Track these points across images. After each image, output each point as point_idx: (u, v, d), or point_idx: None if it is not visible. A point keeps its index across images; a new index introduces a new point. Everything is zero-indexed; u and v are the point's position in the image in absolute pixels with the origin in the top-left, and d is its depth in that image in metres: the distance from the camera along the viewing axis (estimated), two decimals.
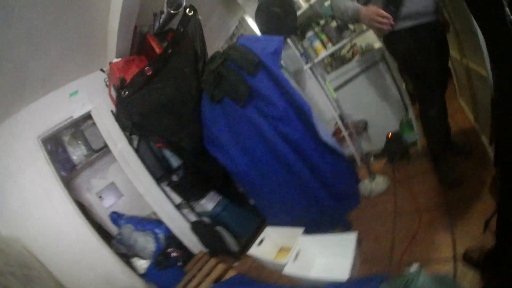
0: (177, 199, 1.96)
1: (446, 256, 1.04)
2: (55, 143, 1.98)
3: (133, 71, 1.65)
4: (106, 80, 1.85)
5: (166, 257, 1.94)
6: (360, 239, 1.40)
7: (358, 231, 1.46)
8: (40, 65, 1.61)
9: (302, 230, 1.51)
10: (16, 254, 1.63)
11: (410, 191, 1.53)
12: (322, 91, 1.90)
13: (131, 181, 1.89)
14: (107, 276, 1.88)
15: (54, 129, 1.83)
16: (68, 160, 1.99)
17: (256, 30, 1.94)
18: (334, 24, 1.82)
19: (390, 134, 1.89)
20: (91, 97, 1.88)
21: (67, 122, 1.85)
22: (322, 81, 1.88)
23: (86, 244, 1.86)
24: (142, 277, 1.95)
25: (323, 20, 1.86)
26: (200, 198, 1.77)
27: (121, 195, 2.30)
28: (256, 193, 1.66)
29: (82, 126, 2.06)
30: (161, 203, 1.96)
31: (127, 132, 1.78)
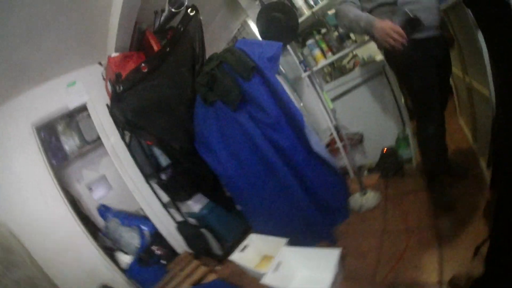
0: (165, 198, 1.95)
1: (432, 281, 1.00)
2: (49, 131, 1.99)
3: (130, 67, 1.65)
4: (103, 74, 1.86)
5: (150, 254, 1.94)
6: (344, 255, 1.37)
7: (344, 245, 1.43)
8: (39, 53, 1.62)
9: (286, 240, 1.49)
10: (1, 238, 1.64)
11: (401, 209, 1.48)
12: (319, 100, 1.87)
13: (121, 175, 1.90)
14: (89, 268, 1.88)
15: (49, 117, 1.84)
16: (61, 149, 2.00)
17: (258, 34, 1.93)
18: (336, 33, 1.80)
19: (386, 149, 1.85)
20: (88, 89, 1.89)
21: (63, 111, 1.86)
22: (319, 90, 1.85)
23: (71, 234, 1.86)
24: (124, 272, 1.94)
25: (324, 28, 1.83)
26: (187, 199, 1.76)
27: (111, 189, 2.31)
28: (243, 198, 1.64)
29: (77, 117, 2.07)
30: (148, 200, 1.95)
31: (120, 127, 1.78)
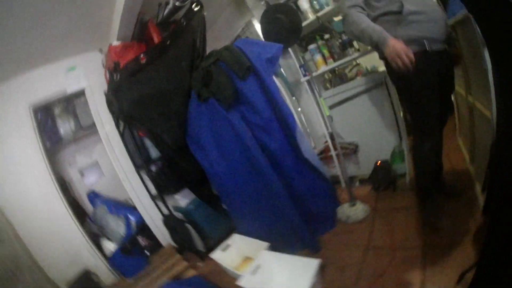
0: (154, 189, 1.95)
1: None
2: (45, 113, 2.01)
3: (129, 57, 1.66)
4: (103, 61, 1.87)
5: (134, 244, 1.94)
6: (325, 265, 1.35)
7: (326, 256, 1.41)
8: (43, 36, 1.63)
9: (267, 244, 1.47)
10: None
11: (388, 224, 1.46)
12: (317, 106, 1.85)
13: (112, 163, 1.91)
14: (73, 251, 1.89)
15: (47, 100, 1.86)
16: (56, 132, 2.02)
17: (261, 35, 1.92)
18: (339, 39, 1.78)
19: (379, 162, 1.82)
20: (87, 75, 1.91)
21: (61, 95, 1.88)
22: (317, 96, 1.83)
23: (58, 216, 1.88)
24: (107, 259, 1.95)
25: (328, 34, 1.81)
26: (173, 193, 1.76)
27: (102, 176, 2.32)
28: (229, 198, 1.63)
29: (75, 101, 2.09)
30: (137, 190, 1.96)
31: (114, 116, 1.79)
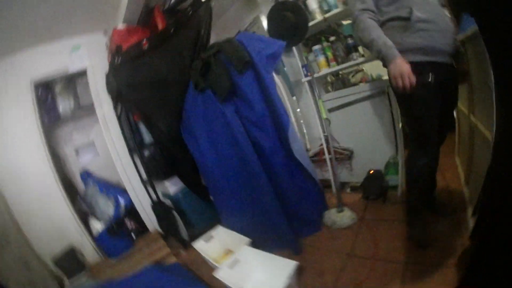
0: (145, 174, 1.97)
1: None
2: (46, 90, 2.04)
3: (132, 41, 1.66)
4: (107, 43, 1.88)
5: (121, 226, 1.97)
6: (303, 268, 1.34)
7: (306, 259, 1.41)
8: (49, 12, 1.63)
9: (249, 240, 1.48)
10: None
11: (373, 235, 1.43)
12: (315, 108, 1.83)
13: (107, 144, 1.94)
14: (61, 227, 1.93)
15: (49, 77, 1.89)
16: (55, 109, 2.05)
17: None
18: (345, 43, 1.75)
19: (372, 171, 1.79)
20: (91, 55, 1.92)
21: (63, 73, 1.91)
22: (317, 97, 1.81)
23: (50, 192, 1.91)
24: (94, 239, 1.98)
25: (334, 36, 1.78)
26: (162, 179, 1.77)
27: (97, 156, 2.35)
28: (216, 190, 1.63)
29: (76, 80, 2.11)
30: (129, 173, 1.98)
31: (113, 98, 1.80)
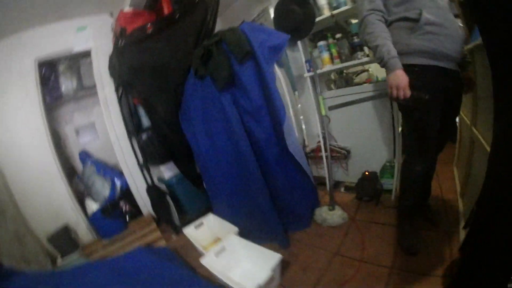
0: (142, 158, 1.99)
1: None
2: (50, 69, 2.05)
3: (137, 25, 1.66)
4: (112, 25, 1.88)
5: (115, 207, 1.99)
6: (288, 263, 1.36)
7: (292, 253, 1.42)
8: None
9: (237, 230, 1.49)
10: None
11: (362, 237, 1.43)
12: (316, 104, 1.82)
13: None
14: (57, 206, 1.95)
15: (54, 56, 1.90)
16: (57, 88, 2.06)
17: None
18: (351, 41, 1.72)
19: (368, 172, 1.78)
20: (96, 36, 1.92)
21: (67, 53, 1.92)
22: (318, 93, 1.80)
23: (48, 170, 1.93)
24: (88, 219, 2.02)
25: (340, 34, 1.76)
26: (158, 164, 1.78)
27: (97, 137, 2.37)
28: (209, 178, 1.65)
29: (80, 61, 2.13)
30: (126, 156, 2.00)
31: (114, 80, 1.81)
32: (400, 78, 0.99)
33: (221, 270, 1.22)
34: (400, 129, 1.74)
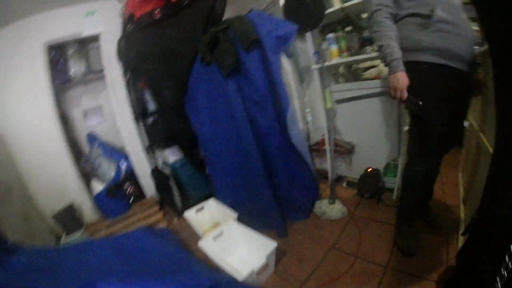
0: (147, 141, 2.02)
1: None
2: (59, 52, 2.07)
3: (146, 10, 1.66)
4: (121, 10, 1.89)
5: (119, 188, 2.04)
6: (284, 252, 1.37)
7: (290, 243, 1.43)
8: None
9: (236, 216, 1.51)
10: None
11: (360, 233, 1.43)
12: (322, 96, 1.80)
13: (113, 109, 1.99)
14: (63, 185, 2.01)
15: (63, 40, 1.92)
16: (66, 72, 2.09)
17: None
18: (360, 35, 1.69)
19: (371, 169, 1.76)
20: (105, 21, 1.93)
21: (76, 37, 1.94)
22: (324, 86, 1.77)
23: (56, 151, 1.98)
24: (93, 198, 2.08)
25: (350, 27, 1.72)
26: (163, 147, 1.81)
27: (104, 120, 2.41)
28: (212, 164, 1.67)
29: (89, 45, 2.15)
30: (132, 139, 2.03)
31: (122, 64, 1.83)
32: (400, 81, 1.00)
33: (217, 254, 1.25)
34: (406, 128, 1.71)
